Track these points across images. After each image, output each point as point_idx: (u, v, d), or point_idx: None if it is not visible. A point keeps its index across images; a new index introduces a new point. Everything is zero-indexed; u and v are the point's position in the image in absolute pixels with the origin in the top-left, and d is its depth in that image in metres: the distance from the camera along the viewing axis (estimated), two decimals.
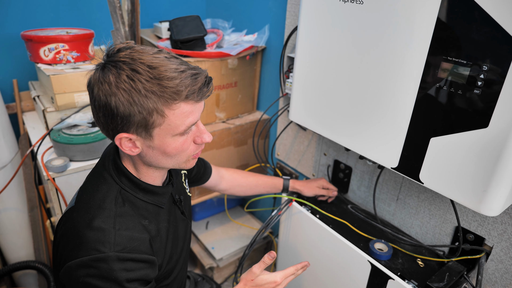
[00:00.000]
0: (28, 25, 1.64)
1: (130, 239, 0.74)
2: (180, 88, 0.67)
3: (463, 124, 0.76)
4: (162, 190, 0.86)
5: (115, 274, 0.70)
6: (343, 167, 1.37)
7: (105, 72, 0.68)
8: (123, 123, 0.69)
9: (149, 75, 0.66)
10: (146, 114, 0.68)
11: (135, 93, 0.66)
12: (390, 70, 0.87)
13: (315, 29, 1.04)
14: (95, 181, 0.81)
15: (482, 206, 0.77)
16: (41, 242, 1.71)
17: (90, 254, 0.70)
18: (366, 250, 1.07)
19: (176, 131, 0.72)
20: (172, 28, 1.56)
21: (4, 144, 1.55)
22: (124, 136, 0.71)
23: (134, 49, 0.69)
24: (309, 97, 1.12)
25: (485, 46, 0.70)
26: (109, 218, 0.74)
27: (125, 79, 0.66)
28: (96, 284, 0.70)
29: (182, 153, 0.77)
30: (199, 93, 0.71)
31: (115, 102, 0.67)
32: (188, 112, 0.71)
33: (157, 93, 0.66)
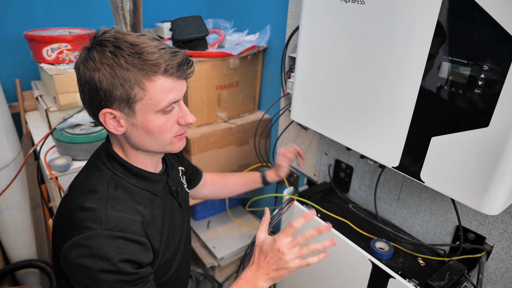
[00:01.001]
0: (31, 25, 1.65)
1: (122, 219, 0.74)
2: (159, 61, 0.70)
3: (464, 123, 0.77)
4: (155, 176, 0.87)
5: (106, 252, 0.70)
6: (344, 167, 1.37)
7: (90, 51, 0.72)
8: (106, 97, 0.72)
9: (130, 51, 0.70)
10: (127, 87, 0.70)
11: (117, 67, 0.69)
12: (391, 69, 0.87)
13: (316, 29, 1.04)
14: (88, 169, 0.83)
15: (483, 205, 0.77)
16: (43, 241, 1.72)
17: (82, 232, 0.70)
18: (367, 249, 1.07)
19: (158, 107, 0.74)
20: (174, 28, 1.56)
21: (7, 143, 1.56)
22: (107, 111, 0.73)
23: (119, 32, 0.74)
24: (311, 97, 1.12)
25: (486, 46, 0.70)
26: (101, 200, 0.75)
27: (108, 55, 0.70)
28: (89, 265, 0.69)
29: (165, 133, 0.78)
30: (178, 69, 0.73)
31: (99, 77, 0.70)
32: (169, 88, 0.73)
33: (138, 65, 0.70)
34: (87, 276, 0.70)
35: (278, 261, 0.83)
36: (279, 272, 0.83)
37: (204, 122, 1.68)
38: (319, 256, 0.86)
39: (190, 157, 1.62)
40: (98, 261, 0.70)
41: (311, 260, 0.84)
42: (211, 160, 1.69)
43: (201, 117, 1.66)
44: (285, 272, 0.83)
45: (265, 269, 0.84)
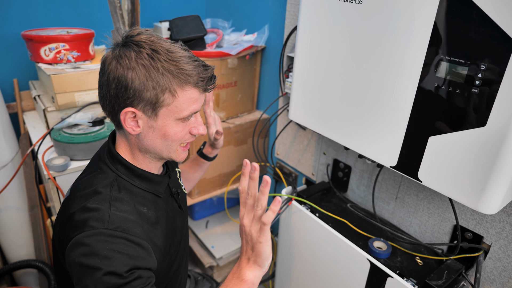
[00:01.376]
0: (29, 24, 1.64)
1: (125, 220, 0.73)
2: (193, 72, 0.73)
3: (461, 123, 0.77)
4: (158, 178, 0.87)
5: (108, 252, 0.69)
6: (343, 166, 1.38)
7: (126, 48, 0.73)
8: (134, 96, 0.72)
9: (168, 57, 0.72)
10: (159, 91, 0.72)
11: (153, 70, 0.71)
12: (389, 69, 0.87)
13: (314, 28, 1.04)
14: (91, 171, 0.83)
15: (480, 204, 0.78)
16: (41, 241, 1.72)
17: (83, 231, 0.70)
18: (365, 249, 1.07)
19: (180, 115, 0.76)
20: (172, 28, 1.56)
21: (4, 143, 1.56)
22: (130, 110, 0.74)
23: (153, 36, 0.75)
24: (309, 97, 1.12)
25: (483, 45, 0.71)
26: (104, 201, 0.74)
27: (145, 56, 0.71)
28: (89, 264, 0.68)
29: (177, 139, 0.80)
30: (206, 84, 0.77)
31: (132, 75, 0.71)
32: (194, 99, 0.76)
33: (174, 72, 0.72)
34: (86, 275, 0.69)
35: (246, 237, 0.76)
36: (255, 250, 0.74)
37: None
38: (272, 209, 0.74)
39: (188, 156, 1.62)
40: (97, 259, 0.69)
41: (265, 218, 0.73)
42: None
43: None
44: (258, 246, 0.73)
45: (244, 254, 0.77)
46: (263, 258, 0.74)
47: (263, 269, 0.75)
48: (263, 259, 0.74)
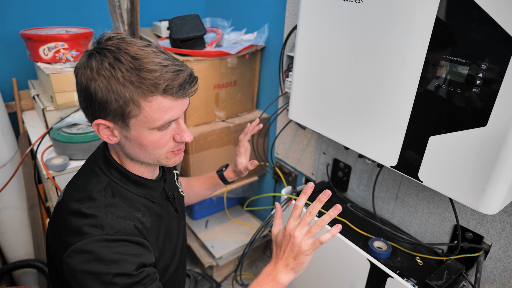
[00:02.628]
0: (28, 23, 1.64)
1: (123, 223, 0.73)
2: (159, 81, 0.67)
3: (462, 122, 0.77)
4: (153, 183, 0.86)
5: (111, 255, 0.68)
6: (343, 166, 1.37)
7: (90, 58, 0.69)
8: (100, 109, 0.70)
9: (130, 65, 0.67)
10: (122, 102, 0.68)
11: (113, 80, 0.67)
12: (389, 68, 0.87)
13: (314, 28, 1.04)
14: (85, 175, 0.81)
15: (481, 205, 0.77)
16: (40, 240, 1.72)
17: (83, 238, 0.68)
18: (365, 249, 1.07)
19: (153, 125, 0.71)
20: (172, 27, 1.56)
21: (3, 143, 1.55)
22: (101, 122, 0.72)
23: (123, 40, 0.70)
24: (309, 96, 1.12)
25: (484, 45, 0.70)
26: (100, 207, 0.73)
27: (107, 66, 0.67)
28: (95, 270, 0.67)
29: (159, 148, 0.76)
30: (179, 89, 0.70)
31: (94, 87, 0.68)
32: (166, 108, 0.70)
33: (135, 83, 0.67)
34: (94, 281, 0.68)
35: (292, 247, 0.78)
36: (298, 260, 0.77)
37: (202, 121, 1.67)
38: (332, 232, 0.78)
39: (188, 156, 1.62)
40: (104, 265, 0.68)
41: (323, 238, 0.77)
42: (209, 160, 1.69)
43: (199, 117, 1.65)
44: (303, 257, 0.77)
45: (283, 260, 0.79)
46: (302, 268, 0.79)
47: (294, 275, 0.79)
48: (302, 268, 0.79)
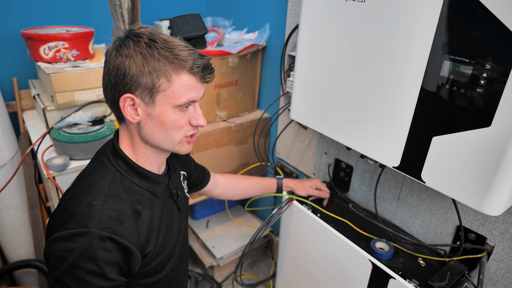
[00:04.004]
0: (28, 23, 1.63)
1: (115, 221, 0.75)
2: (188, 58, 0.75)
3: (466, 123, 0.76)
4: (158, 177, 0.88)
5: (94, 252, 0.70)
6: (344, 166, 1.37)
7: (125, 39, 0.76)
8: (132, 82, 0.75)
9: (164, 45, 0.75)
10: (155, 76, 0.74)
11: (149, 56, 0.74)
12: (392, 68, 0.86)
13: (316, 27, 1.03)
14: (93, 165, 0.84)
15: (485, 206, 0.77)
16: (41, 240, 1.71)
17: (74, 227, 0.71)
18: (367, 249, 1.07)
19: (177, 102, 0.77)
20: (173, 26, 1.55)
21: (4, 142, 1.55)
22: (128, 96, 0.76)
23: (153, 29, 0.79)
24: (310, 96, 1.11)
25: (488, 44, 0.69)
26: (101, 195, 0.76)
27: (143, 45, 0.74)
28: (73, 261, 0.69)
29: (177, 130, 0.80)
30: (202, 70, 0.77)
31: (129, 62, 0.74)
32: (190, 86, 0.77)
33: (169, 58, 0.74)
34: (66, 271, 0.70)
35: None
36: None
37: None
38: None
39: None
40: (82, 260, 0.70)
41: None
42: (210, 160, 1.68)
43: None
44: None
45: None
46: None
47: None
48: None
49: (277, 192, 1.34)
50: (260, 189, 1.34)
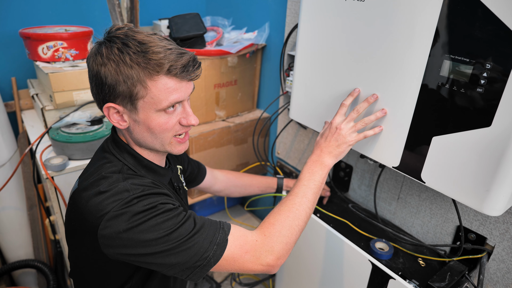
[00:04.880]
0: (27, 22, 1.63)
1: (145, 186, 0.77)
2: (163, 61, 0.71)
3: (466, 123, 0.75)
4: (163, 170, 0.89)
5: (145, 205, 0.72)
6: (344, 166, 1.36)
7: (100, 46, 0.74)
8: (110, 92, 0.74)
9: (137, 49, 0.71)
10: (130, 84, 0.72)
11: (122, 63, 0.71)
12: (392, 68, 0.86)
13: (315, 26, 1.03)
14: (96, 164, 0.83)
15: (485, 206, 0.76)
16: (40, 241, 1.71)
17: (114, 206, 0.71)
18: (366, 250, 1.06)
19: (160, 106, 0.75)
20: (172, 26, 1.55)
21: (2, 142, 1.55)
22: (111, 105, 0.75)
23: (131, 29, 0.75)
24: (310, 95, 1.11)
25: (488, 44, 0.69)
26: (118, 180, 0.76)
27: (116, 51, 0.72)
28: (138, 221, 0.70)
29: (166, 132, 0.79)
30: (182, 70, 0.74)
31: (104, 72, 0.72)
32: (171, 88, 0.74)
33: (141, 64, 0.71)
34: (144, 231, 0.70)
35: (337, 137, 0.92)
36: (340, 148, 0.92)
37: (202, 121, 1.66)
38: (375, 130, 0.91)
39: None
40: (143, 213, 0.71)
41: (368, 133, 0.92)
42: (210, 159, 1.68)
43: (199, 116, 1.64)
44: (345, 146, 0.91)
45: (327, 148, 0.92)
46: (342, 155, 0.93)
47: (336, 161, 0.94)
48: (341, 156, 0.93)
49: (277, 191, 1.34)
50: (260, 188, 1.34)
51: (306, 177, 0.91)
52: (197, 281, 0.76)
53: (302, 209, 0.85)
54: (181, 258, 0.72)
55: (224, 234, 0.77)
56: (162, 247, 0.71)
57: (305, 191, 0.88)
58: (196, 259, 0.73)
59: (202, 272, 0.74)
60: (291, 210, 0.85)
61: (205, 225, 0.77)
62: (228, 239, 0.77)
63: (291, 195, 0.88)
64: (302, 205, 0.86)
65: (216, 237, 0.75)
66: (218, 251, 0.74)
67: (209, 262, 0.74)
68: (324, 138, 0.94)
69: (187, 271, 0.74)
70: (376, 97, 0.90)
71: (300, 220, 0.84)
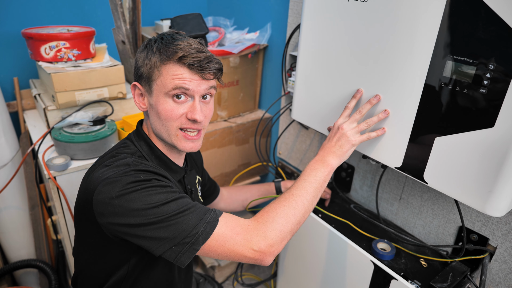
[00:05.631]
0: (29, 22, 1.63)
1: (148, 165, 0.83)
2: (178, 51, 0.79)
3: (469, 123, 0.75)
4: (175, 166, 0.92)
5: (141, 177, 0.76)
6: (346, 166, 1.36)
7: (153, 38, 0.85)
8: (137, 72, 0.85)
9: (167, 40, 0.81)
10: (149, 67, 0.81)
11: (150, 50, 0.82)
12: (395, 68, 0.86)
13: (318, 27, 1.03)
14: (115, 147, 0.89)
15: (488, 207, 0.76)
16: (42, 240, 1.71)
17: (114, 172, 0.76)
18: (368, 250, 1.06)
19: (166, 89, 0.80)
20: (174, 26, 1.55)
21: (5, 142, 1.55)
22: (136, 84, 0.86)
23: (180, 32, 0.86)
24: (312, 96, 1.11)
25: (491, 44, 0.69)
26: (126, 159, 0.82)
27: (152, 42, 0.83)
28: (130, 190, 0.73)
29: (171, 120, 0.83)
30: (195, 62, 0.79)
31: (139, 56, 0.84)
32: (177, 74, 0.79)
33: (162, 51, 0.80)
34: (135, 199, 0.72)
35: (340, 137, 0.92)
36: (343, 148, 0.92)
37: None
38: (378, 132, 0.92)
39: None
40: (137, 184, 0.74)
41: (371, 135, 0.93)
42: (211, 160, 1.68)
43: None
44: (348, 146, 0.91)
45: (330, 148, 0.93)
46: (346, 156, 0.93)
47: (339, 162, 0.93)
48: (345, 157, 0.93)
49: (277, 194, 1.34)
50: (260, 196, 1.36)
51: (307, 173, 0.91)
52: (185, 264, 0.74)
53: (299, 200, 0.84)
54: (170, 233, 0.72)
55: (215, 215, 0.77)
56: (150, 219, 0.72)
57: (304, 185, 0.87)
58: (184, 234, 0.73)
59: (191, 252, 0.74)
60: (287, 200, 0.84)
61: (197, 206, 0.77)
62: (219, 220, 0.77)
63: (291, 189, 0.87)
64: (300, 197, 0.85)
65: (207, 216, 0.76)
66: (208, 228, 0.74)
67: (198, 240, 0.73)
68: (328, 140, 0.95)
69: (175, 249, 0.73)
70: (379, 98, 0.91)
71: (297, 210, 0.82)
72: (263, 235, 0.77)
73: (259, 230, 0.77)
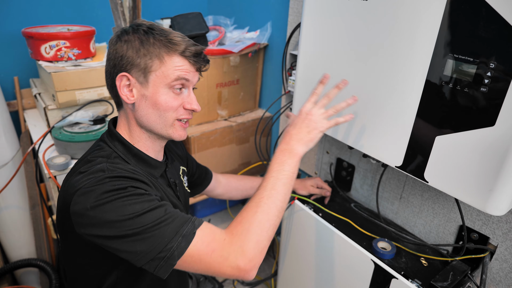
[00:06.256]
0: (29, 22, 1.63)
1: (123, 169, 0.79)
2: (181, 43, 0.80)
3: (469, 122, 0.75)
4: (154, 161, 0.89)
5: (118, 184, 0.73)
6: (346, 165, 1.36)
7: (127, 28, 0.82)
8: (127, 63, 0.80)
9: (160, 32, 0.81)
10: (148, 58, 0.79)
11: (145, 41, 0.79)
12: (395, 67, 0.86)
13: (318, 25, 1.03)
14: (90, 151, 0.86)
15: (488, 206, 0.76)
16: (42, 240, 1.71)
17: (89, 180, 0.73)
18: (369, 249, 1.06)
19: (168, 80, 0.80)
20: (174, 25, 1.55)
21: (5, 141, 1.55)
22: (124, 74, 0.80)
23: (154, 24, 0.85)
24: None
25: (492, 43, 0.69)
26: (101, 163, 0.78)
27: (141, 32, 0.80)
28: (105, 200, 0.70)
29: (170, 111, 0.82)
30: (194, 55, 0.82)
31: (127, 46, 0.79)
32: (180, 66, 0.81)
33: (163, 42, 0.79)
34: (109, 211, 0.70)
35: (308, 123, 0.89)
36: (311, 134, 0.88)
37: (204, 120, 1.66)
38: (345, 117, 0.91)
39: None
40: (111, 194, 0.71)
41: (339, 119, 0.91)
42: (212, 159, 1.68)
43: (201, 115, 1.64)
44: (316, 132, 0.89)
45: (296, 135, 0.89)
46: (313, 143, 0.89)
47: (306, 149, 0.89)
48: (312, 144, 0.89)
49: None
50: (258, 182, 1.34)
51: (274, 169, 0.85)
52: (164, 276, 0.71)
53: (271, 202, 0.80)
54: (145, 246, 0.69)
55: (192, 227, 0.73)
56: (126, 231, 0.69)
57: (273, 183, 0.83)
58: (159, 249, 0.70)
59: (167, 266, 0.71)
60: (258, 205, 0.79)
61: (174, 216, 0.74)
62: (196, 233, 0.73)
63: (259, 189, 0.84)
64: (270, 198, 0.80)
65: (184, 228, 0.72)
66: (183, 243, 0.71)
67: (173, 255, 0.70)
68: (294, 126, 0.90)
69: (152, 263, 0.70)
70: (346, 83, 0.90)
71: (270, 215, 0.79)
72: (240, 251, 0.73)
73: (235, 245, 0.73)
